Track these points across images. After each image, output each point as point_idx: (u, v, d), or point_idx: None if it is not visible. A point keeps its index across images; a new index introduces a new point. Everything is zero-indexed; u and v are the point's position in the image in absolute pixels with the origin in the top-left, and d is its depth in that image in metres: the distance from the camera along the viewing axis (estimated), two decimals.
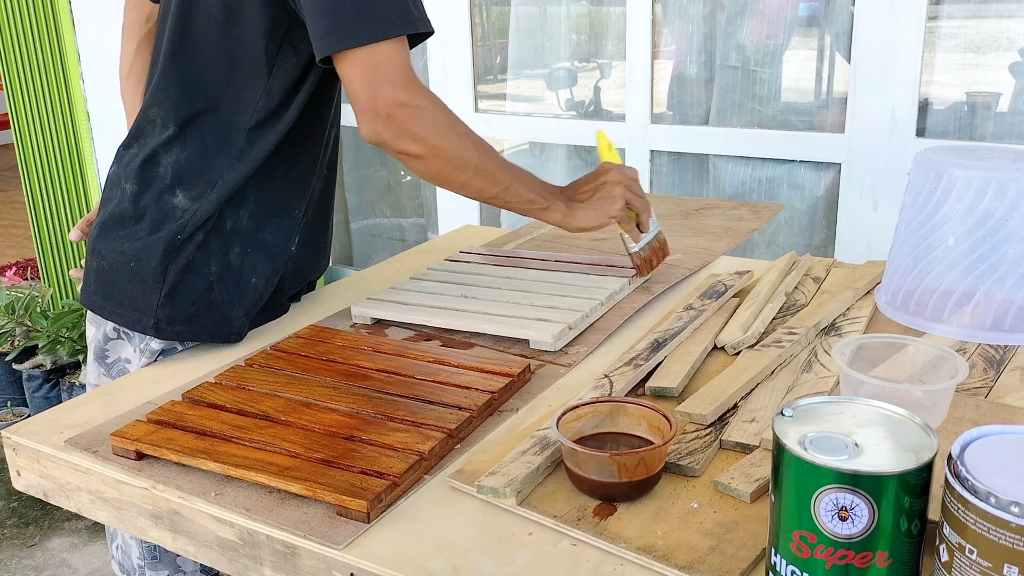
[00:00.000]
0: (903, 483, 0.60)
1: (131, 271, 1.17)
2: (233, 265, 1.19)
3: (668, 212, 1.78)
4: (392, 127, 1.06)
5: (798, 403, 0.68)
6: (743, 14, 2.36)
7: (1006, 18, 2.10)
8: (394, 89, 1.05)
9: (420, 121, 1.07)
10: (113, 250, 1.19)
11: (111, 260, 1.20)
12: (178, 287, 1.16)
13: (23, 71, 3.19)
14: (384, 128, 1.06)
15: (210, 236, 1.17)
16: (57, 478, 0.98)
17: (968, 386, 1.02)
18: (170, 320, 1.17)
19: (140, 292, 1.17)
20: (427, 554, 0.78)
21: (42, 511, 2.69)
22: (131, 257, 1.17)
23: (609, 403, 0.92)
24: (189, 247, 1.16)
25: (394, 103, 1.05)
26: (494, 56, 2.85)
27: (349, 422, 0.94)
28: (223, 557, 0.87)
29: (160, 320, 1.16)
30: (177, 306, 1.16)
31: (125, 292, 1.18)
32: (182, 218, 1.16)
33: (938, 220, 1.14)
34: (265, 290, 1.23)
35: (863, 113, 2.10)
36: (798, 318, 1.19)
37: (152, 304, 1.16)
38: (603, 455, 0.83)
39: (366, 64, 1.04)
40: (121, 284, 1.18)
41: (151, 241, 1.16)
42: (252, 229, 1.20)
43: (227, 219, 1.18)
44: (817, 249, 2.36)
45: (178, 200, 1.17)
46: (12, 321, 2.98)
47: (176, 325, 1.17)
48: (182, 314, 1.17)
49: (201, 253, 1.17)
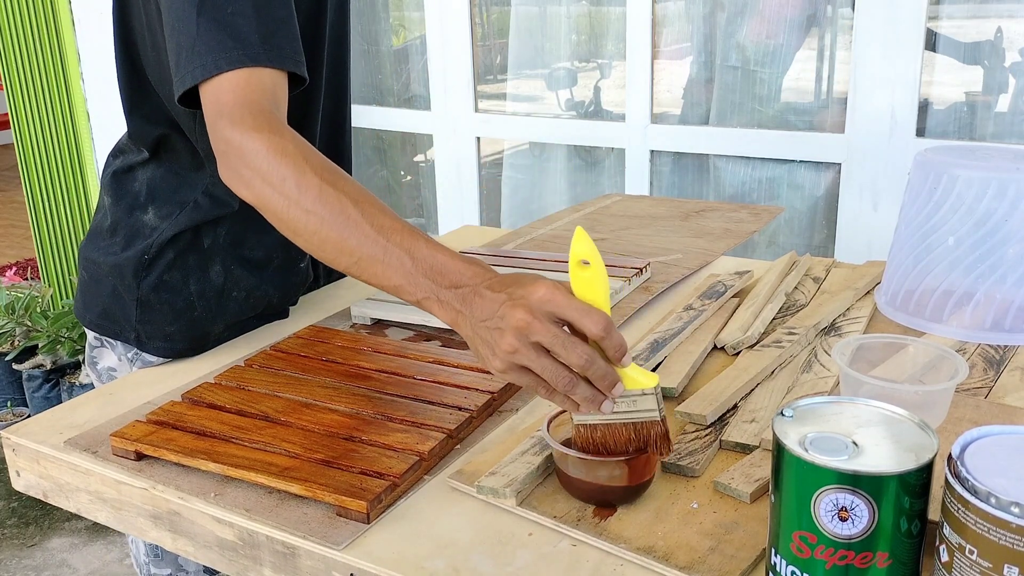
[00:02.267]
0: (903, 483, 0.59)
1: (111, 285, 1.17)
2: (214, 283, 1.17)
3: (667, 214, 1.78)
4: (224, 167, 0.93)
5: (798, 403, 0.68)
6: (743, 14, 2.36)
7: (1006, 18, 2.10)
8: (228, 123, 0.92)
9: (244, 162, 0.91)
10: (94, 261, 1.19)
11: (91, 271, 1.20)
12: (154, 306, 1.15)
13: (23, 71, 3.19)
14: (221, 168, 0.93)
15: (186, 254, 1.15)
16: (57, 478, 0.98)
17: (968, 386, 1.02)
18: (149, 336, 1.16)
19: (119, 306, 1.17)
20: (427, 554, 0.78)
21: (42, 511, 2.69)
22: (108, 271, 1.17)
23: None
24: (159, 266, 1.14)
25: (222, 139, 0.92)
26: (494, 56, 2.85)
27: (349, 422, 0.94)
28: (223, 558, 0.87)
29: (140, 334, 1.16)
30: (155, 324, 1.16)
31: (106, 304, 1.18)
32: (150, 236, 1.14)
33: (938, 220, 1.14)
34: (246, 303, 1.21)
35: (863, 113, 2.10)
36: (798, 318, 1.19)
37: (131, 319, 1.16)
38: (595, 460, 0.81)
39: (208, 99, 0.94)
40: (103, 295, 1.18)
41: (123, 258, 1.15)
42: (231, 245, 1.18)
43: (205, 237, 1.16)
44: (817, 249, 2.36)
45: (148, 218, 1.15)
46: (12, 321, 2.98)
47: (155, 341, 1.16)
48: (160, 332, 1.16)
49: (177, 272, 1.15)
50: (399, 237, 0.84)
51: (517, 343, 0.76)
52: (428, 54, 2.77)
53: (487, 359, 0.79)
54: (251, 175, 0.90)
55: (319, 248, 0.88)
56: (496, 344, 0.77)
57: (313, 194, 0.87)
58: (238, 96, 0.92)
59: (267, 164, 0.89)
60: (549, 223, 1.75)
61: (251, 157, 0.89)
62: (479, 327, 0.79)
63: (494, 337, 0.77)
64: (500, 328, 0.77)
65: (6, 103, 3.20)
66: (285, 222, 0.89)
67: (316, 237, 0.87)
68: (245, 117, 0.91)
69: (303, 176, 0.87)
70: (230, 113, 0.91)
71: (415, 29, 2.98)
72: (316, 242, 0.88)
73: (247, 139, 0.90)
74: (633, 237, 1.62)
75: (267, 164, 0.89)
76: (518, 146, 2.87)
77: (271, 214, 0.91)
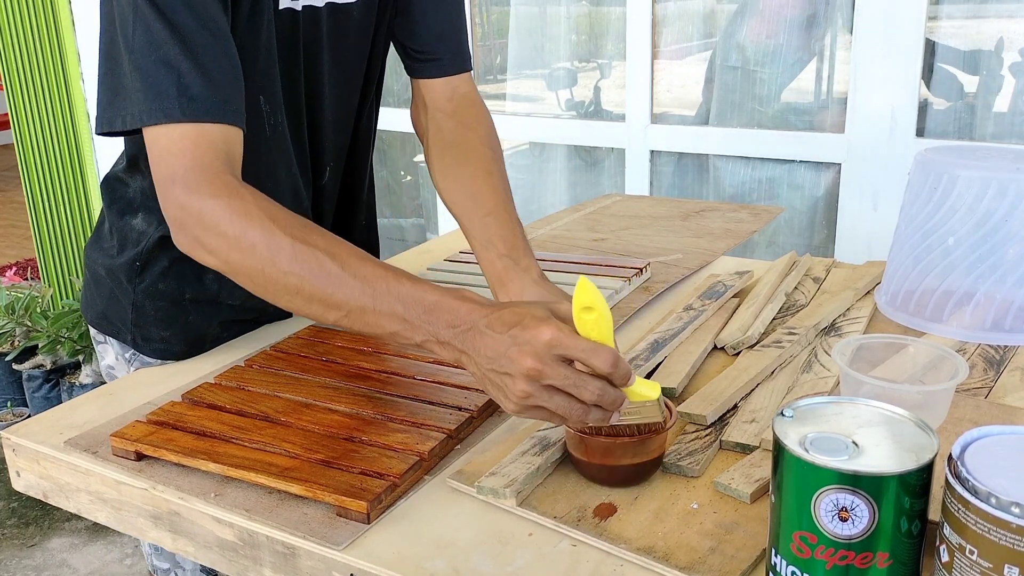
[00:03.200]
0: (903, 483, 0.59)
1: (109, 286, 1.18)
2: (209, 289, 1.17)
3: (667, 214, 1.78)
4: (182, 234, 0.89)
5: (798, 403, 0.68)
6: (743, 14, 2.36)
7: (1006, 18, 2.10)
8: (182, 189, 0.87)
9: (206, 229, 0.86)
10: (95, 262, 1.20)
11: (93, 271, 1.21)
12: (148, 311, 1.15)
13: (23, 71, 3.19)
14: (177, 235, 0.89)
15: (181, 262, 1.12)
16: (57, 479, 0.98)
17: (968, 386, 1.02)
18: (145, 338, 1.17)
19: (117, 308, 1.18)
20: (427, 554, 0.78)
21: (42, 511, 2.69)
22: (106, 273, 1.18)
23: None
24: (152, 272, 1.14)
25: (176, 206, 0.87)
26: (494, 56, 2.85)
27: (349, 423, 0.94)
28: (223, 558, 0.87)
29: (136, 336, 1.17)
30: (150, 328, 1.16)
31: (105, 304, 1.20)
32: (139, 242, 1.14)
33: (938, 220, 1.14)
34: (241, 308, 1.21)
35: (863, 113, 2.10)
36: (798, 318, 1.19)
37: (127, 321, 1.17)
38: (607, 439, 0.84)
39: (151, 152, 0.89)
40: (103, 295, 1.20)
41: (118, 262, 1.16)
42: None
43: None
44: (817, 249, 2.36)
45: (137, 222, 1.15)
46: (12, 321, 2.98)
47: (152, 343, 1.17)
48: (156, 335, 1.17)
49: (173, 281, 1.14)
50: (384, 284, 0.82)
51: (529, 389, 0.76)
52: None
53: (500, 401, 0.80)
54: (216, 242, 0.86)
55: (305, 306, 0.85)
56: (508, 389, 0.77)
57: (287, 254, 0.84)
58: (188, 159, 0.87)
59: (232, 230, 0.85)
60: (549, 223, 1.76)
61: (214, 224, 0.85)
62: (487, 371, 0.79)
63: (505, 382, 0.78)
64: (510, 374, 0.77)
65: (6, 103, 3.20)
66: (262, 286, 0.86)
67: (299, 297, 0.84)
68: (200, 182, 0.86)
69: (272, 238, 0.84)
70: (183, 179, 0.86)
71: None
72: (300, 302, 0.85)
73: (206, 205, 0.85)
74: (633, 237, 1.62)
75: (232, 230, 0.85)
76: (518, 146, 2.87)
77: (244, 279, 0.87)
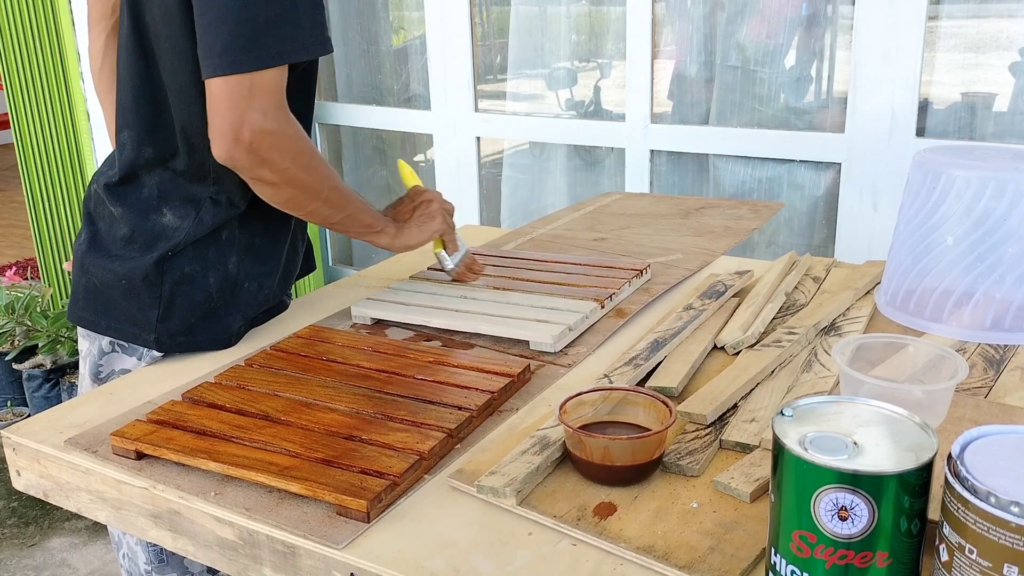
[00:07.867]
0: (903, 483, 0.60)
1: (124, 288, 1.16)
2: (231, 274, 1.19)
3: (668, 212, 1.78)
4: (252, 155, 1.03)
5: (798, 403, 0.68)
6: (743, 14, 2.36)
7: (1006, 18, 2.10)
8: (264, 117, 1.01)
9: (281, 151, 1.04)
10: (102, 268, 1.18)
11: (100, 278, 1.18)
12: (176, 301, 1.16)
13: (23, 71, 3.19)
14: (243, 155, 1.03)
15: (207, 248, 1.16)
16: (57, 478, 0.98)
17: (968, 386, 1.02)
18: (171, 333, 1.16)
19: (136, 309, 1.16)
20: (427, 554, 0.78)
21: (42, 511, 2.69)
22: (122, 276, 1.16)
23: (610, 391, 0.94)
24: (181, 260, 1.15)
25: (260, 131, 1.01)
26: (494, 56, 2.85)
27: (349, 422, 0.94)
28: (223, 557, 0.87)
29: (161, 334, 1.16)
30: (176, 319, 1.16)
31: (121, 308, 1.17)
32: (174, 236, 1.15)
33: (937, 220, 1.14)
34: (259, 293, 1.23)
35: (863, 113, 2.10)
36: (798, 318, 1.19)
37: (151, 320, 1.16)
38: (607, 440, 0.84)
39: (241, 87, 1.00)
40: (115, 301, 1.18)
41: (144, 260, 1.15)
42: (247, 236, 1.20)
43: (223, 230, 1.18)
44: (817, 249, 2.36)
45: (167, 220, 1.16)
46: (12, 321, 2.98)
47: (177, 337, 1.17)
48: (181, 326, 1.17)
49: (198, 266, 1.16)
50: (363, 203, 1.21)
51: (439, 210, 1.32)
52: (428, 54, 2.77)
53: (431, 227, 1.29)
54: (287, 161, 1.06)
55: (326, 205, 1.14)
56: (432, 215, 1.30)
57: (326, 165, 1.13)
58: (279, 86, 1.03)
59: (304, 146, 1.07)
60: (549, 222, 1.76)
61: (292, 144, 1.05)
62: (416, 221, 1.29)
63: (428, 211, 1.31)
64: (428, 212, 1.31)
65: (6, 103, 3.20)
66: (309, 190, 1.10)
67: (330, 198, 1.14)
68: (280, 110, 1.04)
69: (318, 152, 1.11)
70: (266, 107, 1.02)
71: (415, 29, 2.98)
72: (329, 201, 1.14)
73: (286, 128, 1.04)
74: (633, 236, 1.62)
75: (304, 146, 1.07)
76: (518, 146, 2.87)
77: (300, 187, 1.09)
